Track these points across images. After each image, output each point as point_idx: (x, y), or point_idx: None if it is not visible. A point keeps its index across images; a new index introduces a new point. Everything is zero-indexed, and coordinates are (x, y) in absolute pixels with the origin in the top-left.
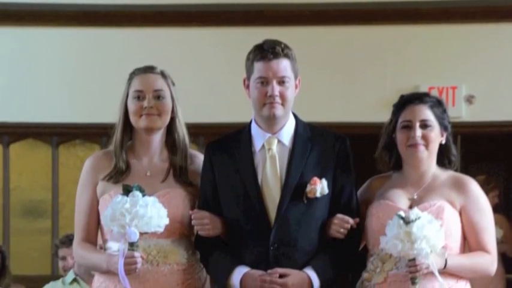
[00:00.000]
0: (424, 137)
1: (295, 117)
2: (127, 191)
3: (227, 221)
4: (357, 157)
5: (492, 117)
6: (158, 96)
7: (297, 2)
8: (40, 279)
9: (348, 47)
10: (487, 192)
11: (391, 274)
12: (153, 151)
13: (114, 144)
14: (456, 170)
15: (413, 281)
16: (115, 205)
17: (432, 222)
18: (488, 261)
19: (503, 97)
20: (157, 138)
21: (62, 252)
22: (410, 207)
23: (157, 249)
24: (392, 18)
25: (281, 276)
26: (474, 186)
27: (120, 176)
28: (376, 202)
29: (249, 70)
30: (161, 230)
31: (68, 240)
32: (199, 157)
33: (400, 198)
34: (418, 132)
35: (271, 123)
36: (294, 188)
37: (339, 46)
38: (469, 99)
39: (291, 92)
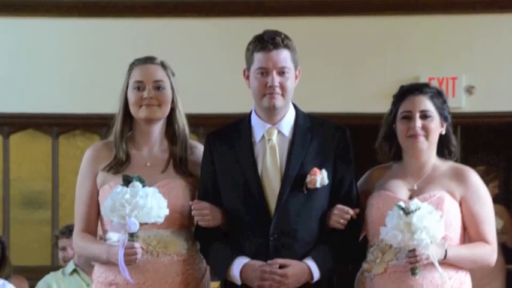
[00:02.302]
0: (424, 128)
1: (295, 107)
2: (127, 181)
3: (227, 211)
4: (357, 148)
5: (492, 107)
6: (158, 87)
7: None
8: (40, 270)
9: (348, 37)
10: (487, 182)
11: (391, 265)
12: (153, 142)
13: (114, 134)
14: (456, 161)
15: (413, 272)
16: (115, 196)
17: (432, 212)
18: (488, 252)
19: (503, 88)
20: (157, 128)
21: (62, 242)
22: (411, 197)
23: (157, 239)
24: (392, 9)
25: (281, 266)
26: (474, 177)
27: (120, 166)
28: (376, 193)
29: (249, 61)
30: (161, 220)
31: (68, 231)
32: (199, 148)
33: (400, 189)
34: (418, 122)
35: (271, 113)
36: (294, 179)
37: (339, 37)
38: (469, 90)
39: (291, 83)
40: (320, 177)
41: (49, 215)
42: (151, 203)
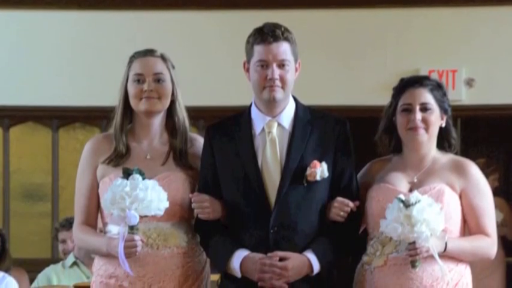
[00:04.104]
0: (424, 120)
1: (295, 100)
2: (127, 174)
3: (227, 204)
4: (357, 140)
5: (492, 100)
6: (158, 80)
7: None
8: (40, 263)
9: (349, 30)
10: (487, 175)
11: (391, 257)
12: (153, 134)
13: (114, 127)
14: (456, 153)
15: (413, 264)
16: (115, 188)
17: (432, 205)
18: (489, 245)
19: (503, 80)
20: (157, 121)
21: (62, 235)
22: (411, 190)
23: (157, 232)
24: (393, 2)
25: (281, 259)
26: (474, 170)
27: (120, 159)
28: (376, 185)
29: (249, 53)
30: (161, 213)
31: (68, 224)
32: (199, 140)
33: (400, 182)
34: (418, 115)
35: (271, 106)
36: (294, 171)
37: (339, 29)
38: (469, 83)
39: (291, 75)
40: (320, 170)
41: (49, 208)
42: (151, 195)
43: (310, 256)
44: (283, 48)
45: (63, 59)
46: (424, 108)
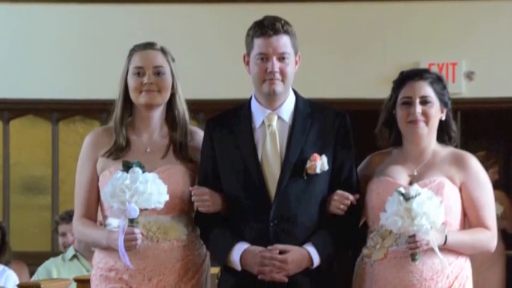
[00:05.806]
0: (424, 113)
1: (295, 93)
2: (127, 167)
3: (227, 197)
4: (357, 133)
5: (492, 93)
6: (158, 73)
7: None
8: (40, 256)
9: (349, 23)
10: (487, 168)
11: (391, 250)
12: (153, 127)
13: (114, 120)
14: (456, 146)
15: (413, 257)
16: (115, 181)
17: (432, 198)
18: (489, 238)
19: (503, 73)
20: (157, 114)
21: (62, 228)
22: (411, 183)
23: (157, 225)
24: None
25: (281, 252)
26: (474, 163)
27: (120, 152)
28: (376, 178)
29: (249, 46)
30: (161, 206)
31: (68, 217)
32: (199, 133)
33: (400, 175)
34: (418, 108)
35: (271, 99)
36: (294, 164)
37: (339, 22)
38: (469, 76)
39: (291, 68)
40: (320, 163)
41: (49, 201)
42: (151, 188)
43: (310, 249)
44: (283, 41)
45: (63, 52)
46: (424, 101)
